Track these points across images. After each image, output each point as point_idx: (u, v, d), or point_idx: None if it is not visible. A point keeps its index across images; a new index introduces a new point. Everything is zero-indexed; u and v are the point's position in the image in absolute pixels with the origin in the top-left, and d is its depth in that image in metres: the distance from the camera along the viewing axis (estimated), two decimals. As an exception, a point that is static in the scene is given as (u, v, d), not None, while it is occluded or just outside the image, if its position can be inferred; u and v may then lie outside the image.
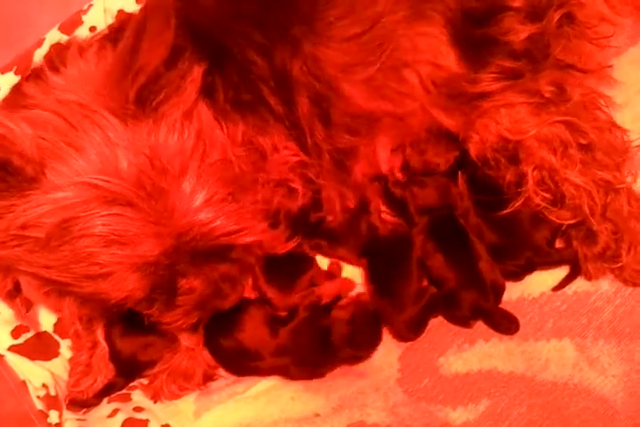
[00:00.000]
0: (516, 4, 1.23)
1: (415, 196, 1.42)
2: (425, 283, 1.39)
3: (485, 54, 1.24)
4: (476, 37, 1.24)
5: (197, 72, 1.09)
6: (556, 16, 1.25)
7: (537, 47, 1.24)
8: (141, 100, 0.99)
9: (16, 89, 1.17)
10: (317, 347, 1.33)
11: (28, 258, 1.03)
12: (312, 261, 1.43)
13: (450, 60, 1.24)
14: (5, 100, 1.20)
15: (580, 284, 1.38)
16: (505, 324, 1.36)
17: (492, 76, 1.24)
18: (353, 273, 1.47)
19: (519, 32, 1.23)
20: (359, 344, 1.36)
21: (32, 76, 1.18)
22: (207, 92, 1.14)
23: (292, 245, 1.35)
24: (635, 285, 1.35)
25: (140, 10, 0.93)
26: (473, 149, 1.31)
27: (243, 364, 1.35)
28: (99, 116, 0.98)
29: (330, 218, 1.41)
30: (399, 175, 1.45)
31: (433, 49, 1.24)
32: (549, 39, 1.25)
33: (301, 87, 1.24)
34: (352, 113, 1.28)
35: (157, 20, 0.92)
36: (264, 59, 1.22)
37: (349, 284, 1.44)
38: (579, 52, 1.31)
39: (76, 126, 0.98)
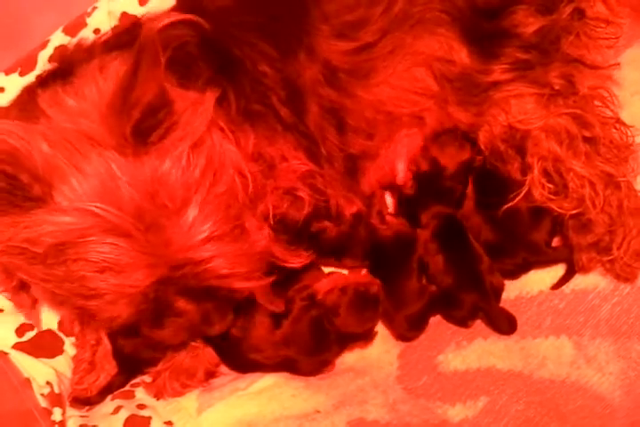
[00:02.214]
0: None
1: (427, 204, 1.43)
2: (425, 281, 1.40)
3: (497, 46, 1.27)
4: (487, 31, 1.27)
5: (210, 101, 1.09)
6: (567, 10, 1.27)
7: (547, 40, 1.27)
8: (139, 135, 0.98)
9: (30, 96, 1.15)
10: (319, 332, 1.34)
11: (28, 268, 1.05)
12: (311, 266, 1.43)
13: (462, 55, 1.27)
14: (20, 106, 1.20)
15: (577, 282, 1.39)
16: (504, 323, 1.37)
17: (504, 66, 1.27)
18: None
19: (530, 24, 1.26)
20: (361, 321, 1.36)
21: (47, 83, 1.16)
22: (219, 103, 1.14)
23: (306, 260, 1.34)
24: (627, 280, 1.36)
25: (134, 48, 0.93)
26: (482, 139, 1.33)
27: (246, 358, 1.36)
28: (102, 149, 0.99)
29: (330, 230, 1.41)
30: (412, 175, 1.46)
31: (444, 47, 1.27)
32: (559, 32, 1.27)
33: (312, 96, 1.25)
34: (368, 117, 1.30)
35: (148, 59, 0.92)
36: (274, 69, 1.23)
37: (344, 277, 1.44)
38: (586, 48, 1.33)
39: (84, 154, 0.99)
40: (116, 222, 0.98)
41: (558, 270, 1.40)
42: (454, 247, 1.39)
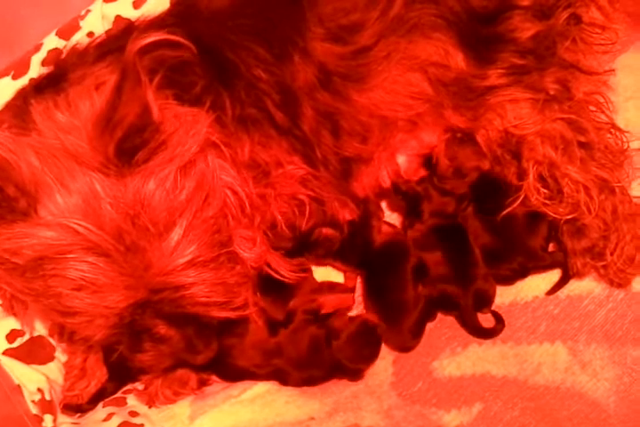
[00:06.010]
0: (525, 3, 1.26)
1: (433, 201, 1.42)
2: (419, 289, 1.39)
3: (493, 51, 1.27)
4: (483, 36, 1.27)
5: (203, 122, 1.08)
6: (564, 15, 1.28)
7: (543, 45, 1.27)
8: (122, 155, 0.97)
9: (25, 103, 1.14)
10: (315, 350, 1.33)
11: (8, 278, 1.04)
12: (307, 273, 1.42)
13: (458, 60, 1.27)
14: (13, 111, 1.19)
15: (572, 288, 1.39)
16: (478, 329, 1.37)
17: (500, 71, 1.27)
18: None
19: (526, 30, 1.26)
20: (357, 356, 1.35)
21: (41, 91, 1.16)
22: (215, 109, 1.14)
23: (298, 278, 1.33)
24: (620, 286, 1.36)
25: (120, 68, 0.93)
26: (480, 143, 1.33)
27: (235, 365, 1.34)
28: (86, 168, 0.99)
29: (329, 234, 1.41)
30: (412, 178, 1.45)
31: (440, 51, 1.27)
32: (555, 38, 1.28)
33: (307, 100, 1.25)
34: (363, 121, 1.30)
35: (131, 78, 0.92)
36: (268, 73, 1.23)
37: (349, 299, 1.44)
38: (582, 54, 1.34)
39: (69, 171, 0.98)
40: (97, 241, 0.97)
41: (553, 276, 1.40)
42: (454, 248, 1.39)
